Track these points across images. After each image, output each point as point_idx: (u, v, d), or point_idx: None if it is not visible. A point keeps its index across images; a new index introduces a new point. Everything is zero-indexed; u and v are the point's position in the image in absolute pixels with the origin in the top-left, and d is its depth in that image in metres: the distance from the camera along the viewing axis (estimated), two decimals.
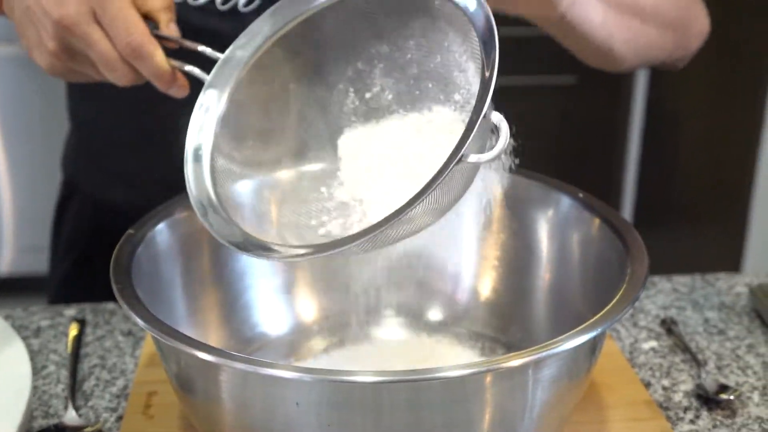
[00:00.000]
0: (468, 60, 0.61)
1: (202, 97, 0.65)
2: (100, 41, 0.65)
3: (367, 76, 0.66)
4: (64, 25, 0.65)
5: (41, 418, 0.71)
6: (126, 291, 0.60)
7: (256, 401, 0.57)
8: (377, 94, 0.67)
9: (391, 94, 0.67)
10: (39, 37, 0.67)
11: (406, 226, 0.58)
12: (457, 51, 0.62)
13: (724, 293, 0.90)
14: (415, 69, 0.65)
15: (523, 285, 0.76)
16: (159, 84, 0.67)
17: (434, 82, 0.65)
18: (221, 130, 0.65)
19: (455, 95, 0.63)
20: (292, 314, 0.78)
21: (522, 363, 0.55)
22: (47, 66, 0.69)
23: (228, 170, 0.65)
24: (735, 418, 0.71)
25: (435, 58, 0.64)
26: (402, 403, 0.56)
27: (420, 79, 0.65)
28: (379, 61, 0.66)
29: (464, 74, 0.62)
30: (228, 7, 0.84)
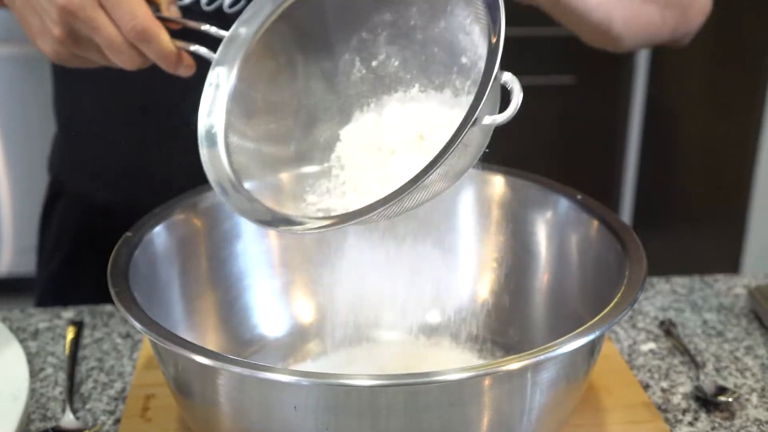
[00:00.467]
0: (472, 22, 0.61)
1: (211, 74, 0.65)
2: (106, 26, 0.65)
3: (372, 44, 0.66)
4: (69, 11, 0.65)
5: (39, 421, 0.70)
6: (123, 294, 0.60)
7: (253, 405, 0.57)
8: (383, 62, 0.67)
9: (397, 60, 0.67)
10: (43, 24, 0.67)
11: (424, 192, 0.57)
12: (461, 14, 0.62)
13: (723, 295, 0.90)
14: (419, 35, 0.65)
15: (521, 287, 0.76)
16: (165, 65, 0.68)
17: (439, 47, 0.65)
18: (232, 107, 0.65)
19: (462, 58, 0.63)
20: (290, 316, 0.78)
21: (521, 366, 0.55)
22: (52, 52, 0.69)
23: (242, 147, 0.65)
24: (733, 420, 0.71)
25: (439, 23, 0.64)
26: (400, 407, 0.56)
27: (426, 44, 0.65)
28: (383, 29, 0.66)
29: (469, 37, 0.62)
30: (213, 8, 0.84)
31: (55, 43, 0.68)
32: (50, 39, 0.68)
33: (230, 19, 0.81)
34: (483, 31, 0.59)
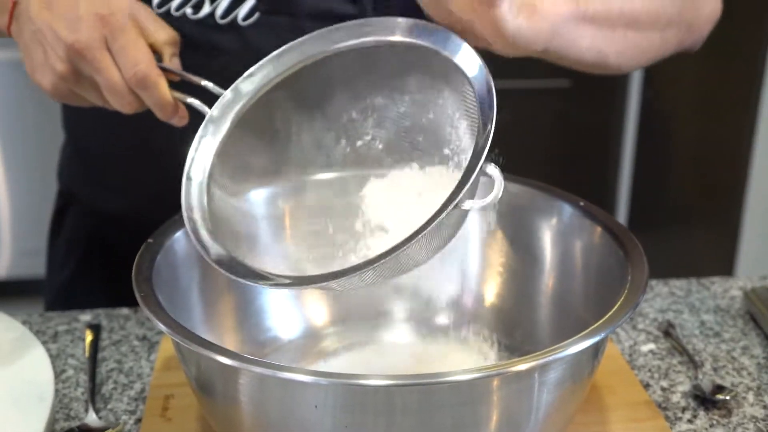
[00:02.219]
0: (461, 117, 0.64)
1: (202, 129, 0.68)
2: (109, 68, 0.67)
3: (360, 125, 0.70)
4: (75, 49, 0.67)
5: (63, 420, 0.73)
6: (149, 298, 0.63)
7: (275, 404, 0.60)
8: (368, 143, 0.70)
9: (381, 144, 0.70)
10: (46, 58, 0.69)
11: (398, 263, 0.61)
12: (451, 108, 0.66)
13: (720, 297, 0.93)
14: (407, 122, 0.69)
15: (526, 290, 0.78)
16: (161, 114, 0.70)
17: (425, 135, 0.68)
18: (218, 163, 0.67)
19: (444, 149, 0.66)
20: (304, 319, 0.81)
21: (529, 367, 0.57)
22: (51, 87, 0.70)
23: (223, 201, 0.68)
24: (731, 417, 0.74)
25: (428, 114, 0.68)
26: (414, 406, 0.58)
27: (411, 131, 0.69)
28: (374, 112, 0.69)
29: (455, 130, 0.65)
30: (227, 21, 0.85)
31: (56, 78, 0.69)
32: (51, 74, 0.69)
33: (244, 32, 0.84)
34: (470, 127, 0.63)
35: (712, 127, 2.09)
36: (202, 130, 0.68)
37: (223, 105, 0.68)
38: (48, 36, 0.68)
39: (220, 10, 0.84)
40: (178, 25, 0.73)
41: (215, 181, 0.67)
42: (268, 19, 0.84)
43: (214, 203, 0.66)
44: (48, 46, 0.68)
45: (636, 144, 2.16)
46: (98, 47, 0.67)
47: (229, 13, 0.85)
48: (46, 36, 0.68)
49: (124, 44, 0.66)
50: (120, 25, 0.67)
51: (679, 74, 2.08)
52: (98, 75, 0.68)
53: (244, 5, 0.84)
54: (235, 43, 0.84)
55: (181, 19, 0.85)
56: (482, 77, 0.62)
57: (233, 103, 0.69)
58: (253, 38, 0.84)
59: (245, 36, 0.84)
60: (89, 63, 0.67)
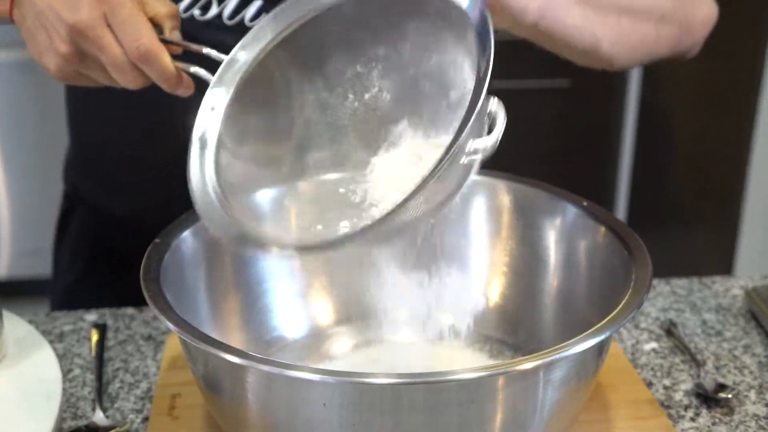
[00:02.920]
0: (463, 58, 0.64)
1: (208, 95, 0.68)
2: (111, 45, 0.67)
3: (366, 78, 0.69)
4: (77, 29, 0.67)
5: (70, 419, 0.73)
6: (157, 298, 0.63)
7: (282, 402, 0.60)
8: (375, 95, 0.70)
9: (389, 95, 0.69)
10: (50, 41, 0.69)
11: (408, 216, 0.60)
12: (452, 50, 0.65)
13: (721, 296, 0.94)
14: (411, 70, 0.68)
15: (530, 290, 0.79)
16: (165, 86, 0.70)
17: (430, 82, 0.67)
18: (226, 128, 0.67)
19: (451, 93, 0.66)
20: (309, 318, 0.81)
21: (534, 366, 0.58)
22: (56, 69, 0.70)
23: (232, 167, 0.67)
24: (733, 415, 0.75)
25: (431, 58, 0.67)
26: (420, 404, 0.59)
27: (417, 79, 0.68)
28: (378, 63, 0.69)
29: (459, 72, 0.65)
30: (235, 22, 0.86)
31: (60, 60, 0.69)
32: (56, 56, 0.69)
33: None
34: (473, 66, 0.62)
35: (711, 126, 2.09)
36: (207, 95, 0.68)
37: (225, 69, 0.68)
38: (50, 18, 0.68)
39: (227, 11, 0.85)
40: (187, 26, 0.73)
41: (224, 146, 0.67)
42: None
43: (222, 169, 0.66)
44: (51, 28, 0.69)
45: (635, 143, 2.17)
46: (99, 25, 0.67)
47: (236, 14, 0.85)
48: (48, 18, 0.68)
49: (124, 20, 0.67)
50: (119, 2, 0.67)
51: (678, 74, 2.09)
52: (101, 53, 0.68)
53: (252, 6, 0.85)
54: None
55: (189, 20, 0.85)
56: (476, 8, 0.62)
57: (237, 66, 0.68)
58: None
59: None
60: (92, 42, 0.68)
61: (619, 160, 2.20)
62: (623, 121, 2.16)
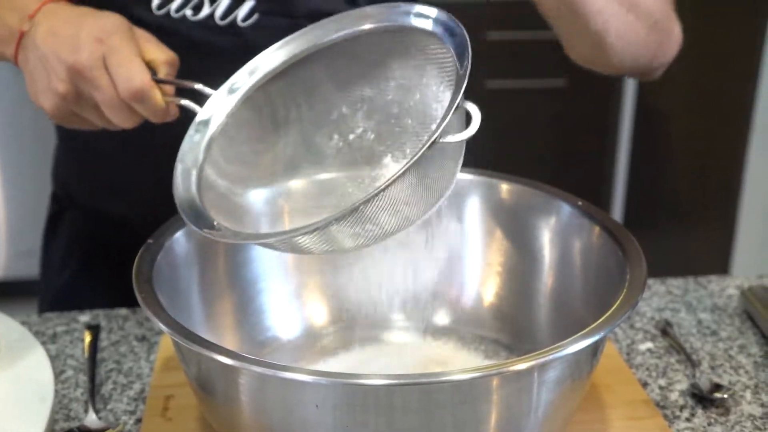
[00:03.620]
0: (444, 90, 0.65)
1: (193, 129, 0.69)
2: (106, 85, 0.70)
3: (351, 119, 0.71)
4: (76, 69, 0.69)
5: (62, 421, 0.73)
6: (150, 299, 0.63)
7: (275, 404, 0.60)
8: (360, 136, 0.71)
9: (373, 134, 0.71)
10: (49, 81, 0.71)
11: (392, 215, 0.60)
12: (434, 83, 0.66)
13: (716, 295, 0.93)
14: (395, 109, 0.69)
15: (525, 290, 0.79)
16: (153, 119, 0.72)
17: (413, 118, 0.68)
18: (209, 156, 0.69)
19: (432, 126, 0.66)
20: (303, 318, 0.81)
21: (528, 366, 0.58)
22: (53, 108, 0.72)
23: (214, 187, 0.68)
24: (729, 416, 0.74)
25: (414, 96, 0.68)
26: (414, 405, 0.59)
27: (400, 117, 0.69)
28: (363, 105, 0.70)
29: (441, 104, 0.66)
30: (227, 23, 0.86)
31: (57, 99, 0.71)
32: (54, 95, 0.71)
33: (243, 33, 0.85)
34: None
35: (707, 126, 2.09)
36: (192, 128, 0.69)
37: (213, 104, 0.70)
38: (51, 60, 0.71)
39: (219, 11, 0.85)
40: (178, 27, 0.73)
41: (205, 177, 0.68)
42: (267, 20, 0.85)
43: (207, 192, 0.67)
44: (51, 69, 0.71)
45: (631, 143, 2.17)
46: (97, 66, 0.69)
47: (228, 15, 0.85)
48: (49, 60, 0.71)
49: (119, 61, 0.69)
50: (116, 45, 0.69)
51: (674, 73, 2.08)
52: (96, 92, 0.70)
53: (243, 6, 0.85)
54: (235, 44, 0.85)
55: (181, 20, 0.85)
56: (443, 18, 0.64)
57: (224, 102, 0.70)
58: (253, 39, 0.84)
59: (244, 37, 0.85)
60: (88, 81, 0.70)
61: (616, 160, 2.20)
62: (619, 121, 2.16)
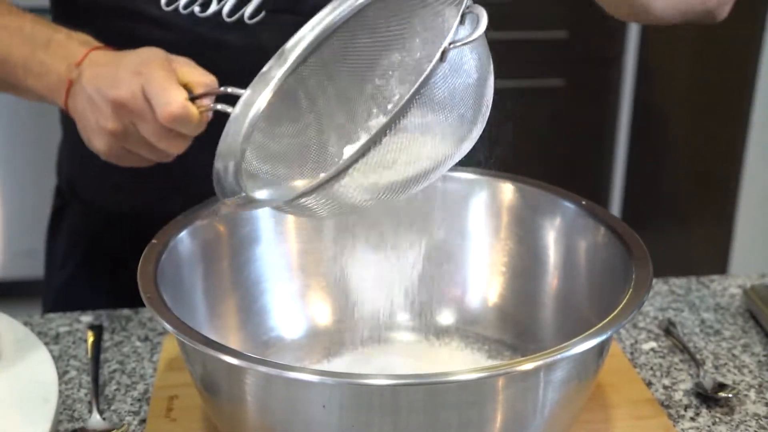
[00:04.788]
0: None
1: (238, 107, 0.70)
2: (149, 115, 0.70)
3: (386, 88, 0.70)
4: (119, 104, 0.70)
5: (66, 421, 0.73)
6: (155, 300, 0.63)
7: (281, 404, 0.60)
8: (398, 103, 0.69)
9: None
10: (97, 121, 0.72)
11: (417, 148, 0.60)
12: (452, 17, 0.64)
13: (719, 295, 0.93)
14: (427, 64, 0.68)
15: (529, 290, 0.79)
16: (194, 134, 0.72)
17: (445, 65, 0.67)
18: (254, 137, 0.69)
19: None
20: (307, 318, 0.81)
21: (534, 366, 0.58)
22: (106, 148, 0.73)
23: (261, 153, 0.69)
24: (733, 415, 0.74)
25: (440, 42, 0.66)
26: (420, 405, 0.58)
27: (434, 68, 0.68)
28: (394, 70, 0.69)
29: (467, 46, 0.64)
30: (234, 19, 0.86)
31: (108, 138, 0.72)
32: (104, 134, 0.72)
33: (250, 30, 0.85)
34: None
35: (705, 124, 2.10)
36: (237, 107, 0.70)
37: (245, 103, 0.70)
38: (96, 99, 0.72)
39: (227, 8, 0.86)
40: (186, 24, 0.74)
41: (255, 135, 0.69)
42: (273, 17, 0.86)
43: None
44: (97, 109, 0.72)
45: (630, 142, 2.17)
46: (138, 97, 0.70)
47: (235, 12, 0.86)
48: (95, 100, 0.72)
49: (156, 90, 0.69)
50: (152, 75, 0.70)
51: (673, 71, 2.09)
52: (140, 123, 0.71)
53: (251, 4, 0.85)
54: (242, 40, 0.86)
55: (189, 16, 0.86)
56: None
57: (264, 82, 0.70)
58: (260, 36, 0.85)
59: (252, 34, 0.86)
60: (131, 114, 0.71)
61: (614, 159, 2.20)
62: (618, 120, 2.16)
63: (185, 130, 0.70)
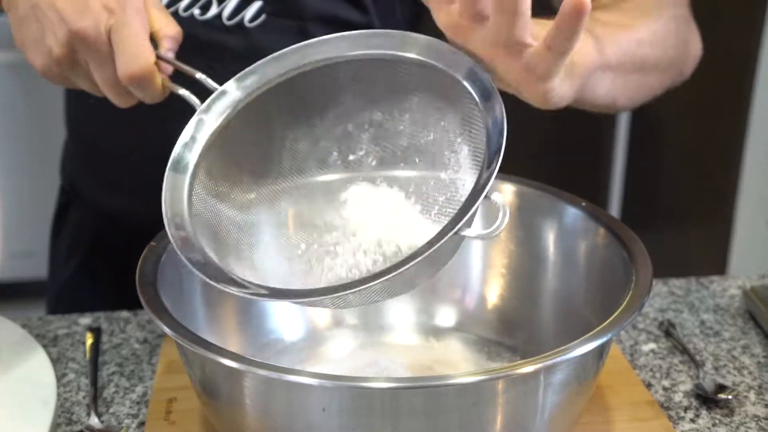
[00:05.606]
0: (462, 142, 0.62)
1: (192, 123, 0.66)
2: (108, 62, 0.66)
3: (355, 139, 0.67)
4: (80, 37, 0.65)
5: (65, 425, 0.73)
6: (153, 303, 0.63)
7: (281, 407, 0.60)
8: (360, 159, 0.68)
9: (375, 161, 0.68)
10: (43, 37, 0.67)
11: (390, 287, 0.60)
12: (453, 132, 0.63)
13: (719, 296, 0.93)
14: (404, 141, 0.66)
15: (529, 291, 0.78)
16: (147, 101, 0.69)
17: (421, 157, 0.66)
18: (203, 160, 0.65)
19: (441, 173, 0.64)
20: (306, 320, 0.81)
21: (535, 369, 0.57)
22: (43, 68, 0.68)
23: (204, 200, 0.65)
24: (733, 416, 0.74)
25: (428, 135, 0.65)
26: (420, 408, 0.58)
27: (408, 152, 0.66)
28: (370, 127, 0.67)
29: (455, 155, 0.63)
30: (234, 22, 0.86)
31: (50, 61, 0.67)
32: (47, 56, 0.67)
33: (250, 33, 0.85)
34: (470, 153, 0.61)
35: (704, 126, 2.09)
36: (191, 124, 0.65)
37: (215, 101, 0.66)
38: (49, 15, 0.66)
39: (227, 11, 0.85)
40: (186, 26, 0.72)
41: (198, 179, 0.64)
42: (274, 21, 0.85)
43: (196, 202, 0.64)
44: (48, 26, 0.66)
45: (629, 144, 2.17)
46: (101, 39, 0.65)
47: (236, 15, 0.85)
48: (46, 15, 0.66)
49: (125, 39, 0.65)
50: (126, 20, 0.65)
51: None
52: (94, 66, 0.66)
53: (251, 7, 0.85)
54: (242, 44, 0.85)
55: (189, 19, 0.85)
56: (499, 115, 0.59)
57: (226, 100, 0.66)
58: (260, 40, 0.85)
59: (252, 37, 0.85)
60: (89, 53, 0.66)
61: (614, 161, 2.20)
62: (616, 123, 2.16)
63: (140, 94, 0.66)
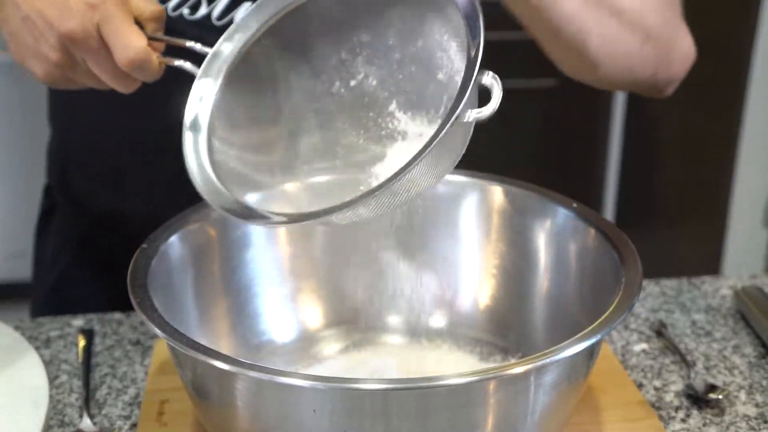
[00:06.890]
0: (449, 39, 0.64)
1: (196, 86, 0.67)
2: (103, 55, 0.67)
3: (351, 64, 0.69)
4: (70, 38, 0.66)
5: (57, 427, 0.73)
6: (145, 305, 0.63)
7: (272, 409, 0.60)
8: (362, 82, 0.69)
9: (375, 80, 0.69)
10: (38, 46, 0.68)
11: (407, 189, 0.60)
12: (438, 32, 0.65)
13: (710, 296, 0.94)
14: (397, 54, 0.68)
15: (520, 292, 0.79)
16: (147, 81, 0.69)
17: (417, 65, 0.67)
18: (216, 117, 0.67)
19: (438, 74, 0.65)
20: (298, 322, 0.81)
21: (525, 370, 0.58)
22: (45, 75, 0.70)
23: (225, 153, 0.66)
24: (723, 416, 0.74)
25: (416, 42, 0.66)
26: (411, 409, 0.58)
27: (403, 63, 0.68)
28: (362, 50, 0.68)
29: (446, 53, 0.64)
30: (224, 23, 0.86)
31: (50, 66, 0.69)
32: (45, 62, 0.68)
33: None
34: (460, 46, 0.62)
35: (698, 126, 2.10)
36: (195, 86, 0.67)
37: (211, 63, 0.68)
38: (38, 24, 0.67)
39: (216, 11, 0.85)
40: (175, 25, 0.73)
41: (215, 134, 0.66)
42: None
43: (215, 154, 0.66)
44: (39, 35, 0.67)
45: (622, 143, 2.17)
46: (92, 35, 0.66)
47: (225, 15, 0.85)
48: (36, 23, 0.67)
49: (115, 30, 0.66)
50: (110, 12, 0.66)
51: None
52: (92, 61, 0.67)
53: (241, 7, 0.84)
54: None
55: (178, 19, 0.85)
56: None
57: (222, 58, 0.68)
58: None
59: None
60: (83, 51, 0.67)
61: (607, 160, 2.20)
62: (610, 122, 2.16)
63: (141, 76, 0.68)
